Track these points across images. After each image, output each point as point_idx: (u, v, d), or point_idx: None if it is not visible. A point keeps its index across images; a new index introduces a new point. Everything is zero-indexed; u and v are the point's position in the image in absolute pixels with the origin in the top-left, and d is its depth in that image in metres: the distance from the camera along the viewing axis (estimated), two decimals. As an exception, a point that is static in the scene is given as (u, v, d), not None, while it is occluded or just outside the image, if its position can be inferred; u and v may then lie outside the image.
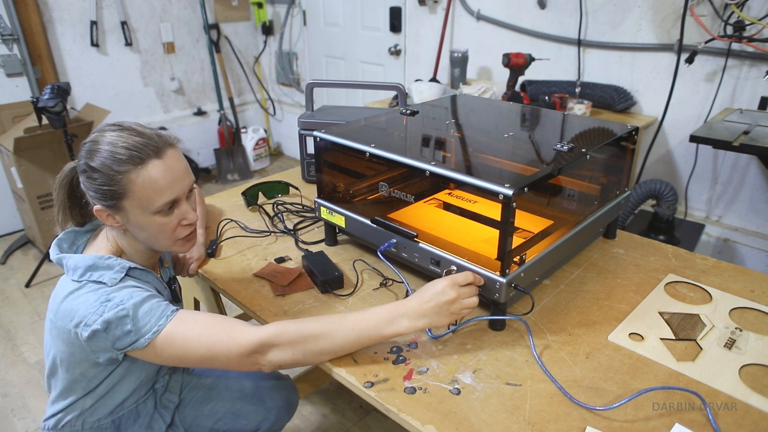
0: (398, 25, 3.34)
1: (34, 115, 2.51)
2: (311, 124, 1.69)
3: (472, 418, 0.86)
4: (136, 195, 0.97)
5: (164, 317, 0.95)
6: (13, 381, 2.19)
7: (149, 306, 0.96)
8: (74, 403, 1.08)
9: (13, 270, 3.02)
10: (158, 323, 0.95)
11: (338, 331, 0.94)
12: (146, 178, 0.97)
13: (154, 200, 0.98)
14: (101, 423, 1.12)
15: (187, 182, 1.03)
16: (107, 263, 1.01)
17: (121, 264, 1.02)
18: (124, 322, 0.94)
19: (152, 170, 0.97)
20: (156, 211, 0.99)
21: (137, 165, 0.96)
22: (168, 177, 0.99)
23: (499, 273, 1.02)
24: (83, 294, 0.97)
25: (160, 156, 0.98)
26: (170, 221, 1.02)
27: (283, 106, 4.54)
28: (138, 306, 0.95)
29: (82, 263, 1.00)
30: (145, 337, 0.94)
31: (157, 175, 0.97)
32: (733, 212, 2.39)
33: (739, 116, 2.05)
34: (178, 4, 3.89)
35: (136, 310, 0.94)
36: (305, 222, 1.55)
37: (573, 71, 2.64)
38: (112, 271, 1.00)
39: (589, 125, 1.45)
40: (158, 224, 1.01)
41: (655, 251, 1.36)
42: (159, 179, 0.97)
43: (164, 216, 1.01)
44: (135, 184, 0.96)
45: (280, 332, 0.93)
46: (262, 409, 1.32)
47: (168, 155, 1.00)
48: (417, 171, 1.12)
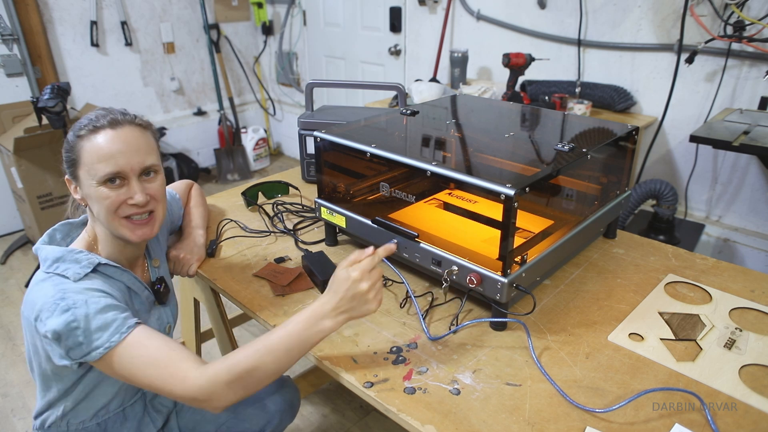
0: (398, 25, 3.34)
1: (34, 115, 2.51)
2: (311, 124, 1.69)
3: (472, 418, 0.86)
4: (85, 161, 0.99)
5: (118, 333, 0.92)
6: (13, 381, 2.19)
7: (104, 319, 0.92)
8: (56, 403, 1.08)
9: (13, 270, 3.02)
10: (111, 339, 0.92)
11: (267, 356, 0.90)
12: (93, 144, 0.99)
13: (98, 168, 0.98)
14: (86, 425, 1.11)
15: (137, 159, 1.01)
16: (75, 257, 1.00)
17: (90, 259, 1.00)
18: (75, 334, 0.91)
19: (100, 137, 0.99)
20: (101, 181, 0.99)
21: (91, 132, 0.99)
22: (114, 147, 0.99)
23: (500, 273, 1.02)
24: (45, 286, 0.96)
25: (114, 127, 1.00)
26: (115, 196, 1.00)
27: (283, 106, 4.54)
28: (91, 317, 0.92)
29: (51, 255, 1.00)
30: (97, 351, 0.92)
31: (104, 142, 0.99)
32: (733, 212, 2.39)
33: (739, 116, 2.05)
34: (178, 4, 3.89)
35: (88, 322, 0.92)
36: (305, 222, 1.55)
37: (573, 71, 2.64)
38: (78, 266, 0.99)
39: (589, 125, 1.45)
40: (102, 196, 1.00)
41: (655, 251, 1.36)
42: (104, 146, 0.98)
43: (110, 189, 1.00)
44: (84, 150, 0.99)
45: (212, 383, 0.89)
46: (264, 412, 1.31)
47: (124, 129, 1.01)
48: (417, 171, 1.12)
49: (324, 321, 0.91)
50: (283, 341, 0.91)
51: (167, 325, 1.20)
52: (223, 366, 0.89)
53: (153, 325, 1.14)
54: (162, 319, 1.18)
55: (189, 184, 1.51)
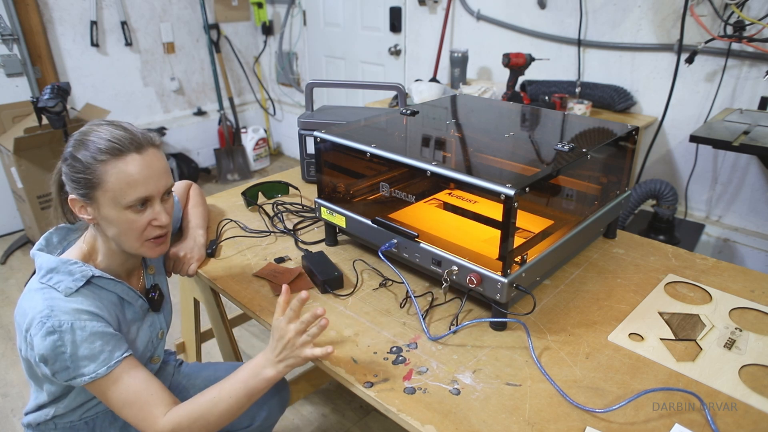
0: (398, 25, 3.34)
1: (34, 115, 2.51)
2: (311, 124, 1.69)
3: (472, 418, 0.86)
4: (110, 186, 0.97)
5: (105, 366, 0.95)
6: (13, 381, 2.19)
7: (91, 348, 0.94)
8: (45, 407, 1.09)
9: (13, 270, 3.02)
10: (97, 371, 0.95)
11: (220, 403, 0.97)
12: (122, 170, 0.97)
13: (127, 194, 0.98)
14: (74, 424, 1.11)
15: (163, 183, 1.03)
16: (69, 269, 1.00)
17: (83, 272, 1.00)
18: (62, 358, 0.93)
19: (129, 163, 0.97)
20: (127, 206, 0.99)
21: (115, 156, 0.97)
22: (144, 173, 0.99)
23: (500, 273, 1.02)
24: (36, 297, 0.97)
25: (139, 152, 0.99)
26: (141, 219, 1.01)
27: (283, 106, 4.54)
28: (78, 344, 0.94)
29: (46, 265, 1.00)
30: (82, 379, 0.94)
31: (133, 169, 0.98)
32: (733, 212, 2.39)
33: (739, 116, 2.05)
34: (178, 4, 3.89)
35: (75, 348, 0.93)
36: (305, 222, 1.54)
37: (573, 71, 2.64)
38: (70, 278, 0.98)
39: (589, 125, 1.45)
40: (128, 220, 1.00)
41: (655, 251, 1.36)
42: (134, 173, 0.98)
43: (135, 213, 1.00)
44: (110, 175, 0.97)
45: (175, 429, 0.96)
46: (253, 406, 1.32)
47: (148, 152, 1.00)
48: (418, 171, 1.12)
49: (266, 370, 0.97)
50: (233, 389, 0.98)
51: (160, 331, 1.20)
52: (185, 411, 0.97)
53: (146, 331, 1.14)
54: (155, 325, 1.18)
55: (188, 185, 1.51)
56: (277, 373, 0.97)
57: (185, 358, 1.94)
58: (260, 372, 0.97)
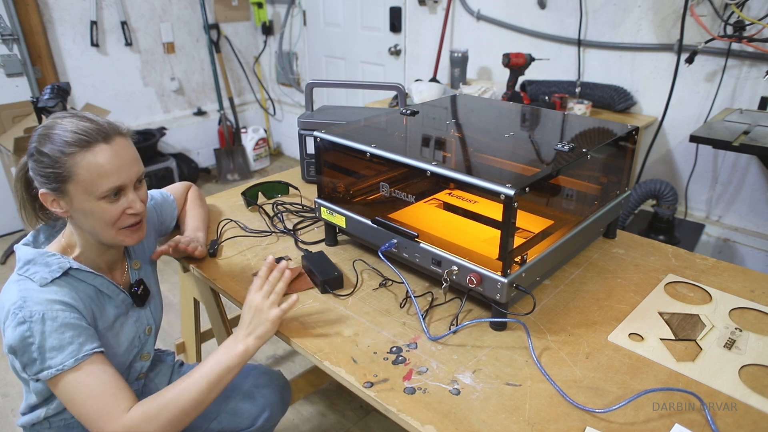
0: (398, 25, 3.34)
1: (34, 115, 2.52)
2: (311, 124, 1.69)
3: (472, 418, 0.86)
4: (81, 178, 0.97)
5: (73, 358, 0.93)
6: (13, 381, 2.19)
7: (60, 339, 0.93)
8: (36, 408, 1.08)
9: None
10: (64, 363, 0.93)
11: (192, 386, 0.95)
12: (91, 162, 0.96)
13: (99, 185, 0.97)
14: (68, 422, 1.11)
15: (134, 170, 1.03)
16: (46, 260, 1.00)
17: (60, 263, 1.00)
18: (30, 350, 0.92)
19: (98, 154, 0.97)
20: (101, 197, 0.99)
21: (83, 148, 0.96)
22: (114, 162, 0.98)
23: (500, 273, 1.02)
24: (12, 290, 0.97)
25: (107, 141, 0.99)
26: (115, 208, 1.01)
27: (283, 106, 4.54)
28: (47, 335, 0.92)
29: (24, 256, 1.00)
30: (49, 371, 0.92)
31: (103, 159, 0.97)
32: (733, 212, 2.39)
33: (739, 116, 2.05)
34: (178, 4, 3.89)
35: (44, 339, 0.92)
36: (305, 222, 1.55)
37: (573, 71, 2.64)
38: (47, 269, 0.98)
39: (589, 125, 1.45)
40: (102, 210, 1.00)
41: (655, 251, 1.36)
42: (104, 163, 0.97)
43: (109, 202, 1.00)
44: (80, 167, 0.96)
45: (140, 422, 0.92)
46: (255, 406, 1.32)
47: (116, 142, 1.00)
48: (417, 171, 1.12)
49: (236, 346, 0.98)
50: (205, 373, 0.96)
51: (147, 327, 1.18)
52: (152, 398, 0.95)
53: (131, 326, 1.13)
54: (141, 320, 1.17)
55: (186, 186, 1.51)
56: (246, 347, 0.98)
57: (185, 358, 1.94)
58: (230, 349, 0.98)
